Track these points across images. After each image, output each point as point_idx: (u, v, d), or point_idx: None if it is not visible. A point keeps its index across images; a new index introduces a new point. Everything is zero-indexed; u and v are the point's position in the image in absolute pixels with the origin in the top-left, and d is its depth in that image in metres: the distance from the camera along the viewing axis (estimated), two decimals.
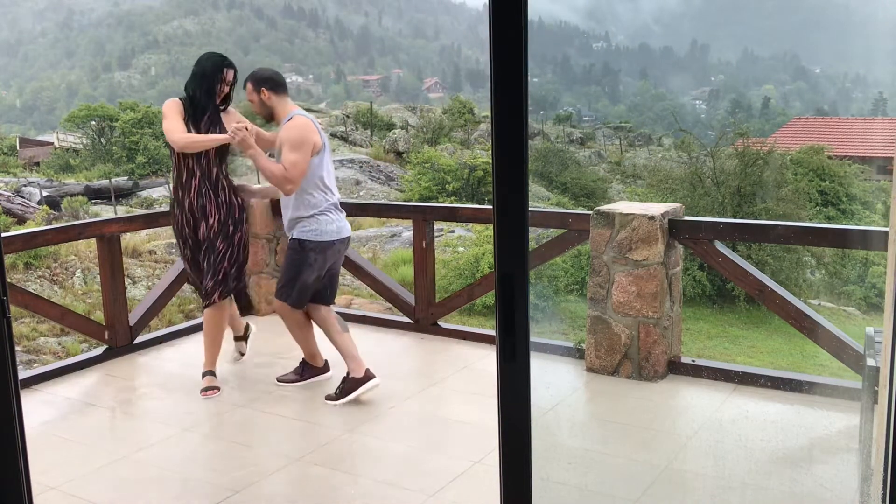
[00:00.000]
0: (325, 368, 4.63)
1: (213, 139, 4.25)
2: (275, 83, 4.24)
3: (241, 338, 5.02)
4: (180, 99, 4.34)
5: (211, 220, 4.36)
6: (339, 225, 4.27)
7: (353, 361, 4.28)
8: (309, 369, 4.61)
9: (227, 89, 4.39)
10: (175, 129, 4.23)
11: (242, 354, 5.02)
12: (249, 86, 4.26)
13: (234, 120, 4.39)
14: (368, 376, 4.26)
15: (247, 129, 4.14)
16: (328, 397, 4.31)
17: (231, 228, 4.38)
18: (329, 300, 4.43)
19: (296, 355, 4.65)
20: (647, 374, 4.50)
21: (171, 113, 4.26)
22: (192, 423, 4.11)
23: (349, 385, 4.26)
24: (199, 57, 4.43)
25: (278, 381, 4.61)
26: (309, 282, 4.24)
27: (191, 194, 4.33)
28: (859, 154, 19.01)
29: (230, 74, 4.37)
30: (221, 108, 4.43)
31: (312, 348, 4.56)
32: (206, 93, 4.31)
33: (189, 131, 4.26)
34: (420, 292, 5.42)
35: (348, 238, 4.38)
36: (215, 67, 4.33)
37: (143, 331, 5.30)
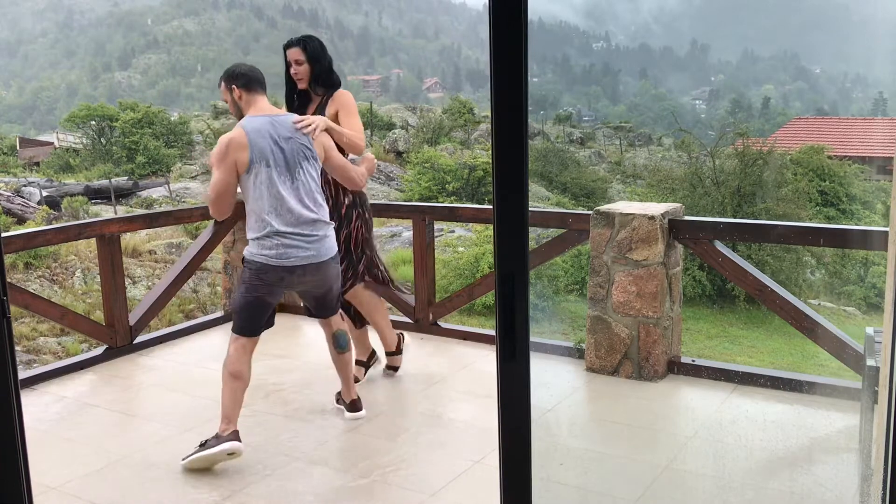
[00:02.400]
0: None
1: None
2: (248, 80, 3.65)
3: (363, 363, 4.60)
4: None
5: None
6: (279, 252, 3.57)
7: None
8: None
9: (300, 69, 4.10)
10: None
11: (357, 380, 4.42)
12: (223, 84, 3.68)
13: (337, 105, 4.13)
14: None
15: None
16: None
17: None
18: (321, 314, 3.98)
19: (295, 355, 4.65)
20: (647, 374, 4.50)
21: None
22: (192, 423, 4.11)
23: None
24: None
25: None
26: (238, 298, 3.72)
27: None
28: (859, 154, 19.05)
29: (293, 53, 4.10)
30: (318, 91, 4.16)
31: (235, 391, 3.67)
32: (287, 84, 4.17)
33: None
34: (420, 292, 5.42)
35: (301, 267, 3.63)
36: (284, 57, 4.15)
37: (143, 331, 5.30)
